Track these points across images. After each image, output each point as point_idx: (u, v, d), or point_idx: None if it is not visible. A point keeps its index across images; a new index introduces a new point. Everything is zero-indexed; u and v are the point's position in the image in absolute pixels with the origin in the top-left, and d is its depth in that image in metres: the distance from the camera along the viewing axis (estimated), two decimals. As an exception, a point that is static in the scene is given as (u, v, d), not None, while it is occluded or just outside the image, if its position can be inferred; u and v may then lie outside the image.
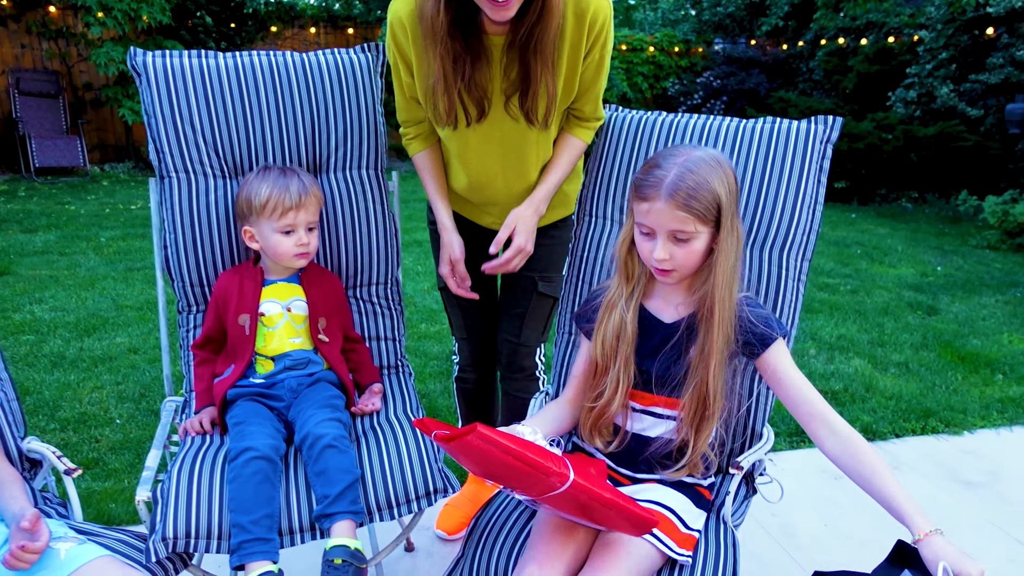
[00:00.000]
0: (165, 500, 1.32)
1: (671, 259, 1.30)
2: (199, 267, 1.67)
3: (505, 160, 1.69)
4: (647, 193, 1.29)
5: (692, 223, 1.27)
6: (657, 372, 1.37)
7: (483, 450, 0.99)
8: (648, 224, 1.30)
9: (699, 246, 1.30)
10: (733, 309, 1.31)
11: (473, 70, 1.52)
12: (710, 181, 1.26)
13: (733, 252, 1.30)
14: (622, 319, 1.38)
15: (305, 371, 1.58)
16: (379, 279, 1.80)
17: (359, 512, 1.35)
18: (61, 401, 2.92)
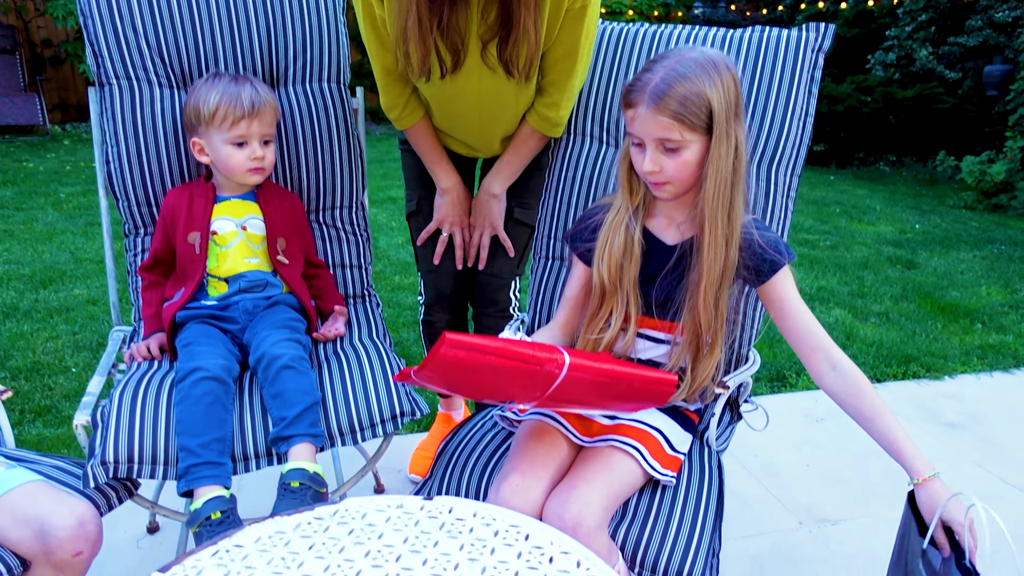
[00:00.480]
0: (105, 423, 1.21)
1: (662, 171, 1.20)
2: (145, 184, 1.54)
3: (481, 116, 1.60)
4: (632, 98, 1.18)
5: (678, 130, 1.15)
6: (657, 297, 1.28)
7: (463, 360, 0.87)
8: (636, 133, 1.20)
9: (691, 156, 1.18)
10: (734, 230, 1.21)
11: (450, 12, 1.39)
12: (699, 84, 1.14)
13: (727, 164, 1.18)
14: (628, 238, 1.28)
15: (262, 293, 1.47)
16: (343, 202, 1.69)
17: (319, 435, 1.25)
18: (13, 351, 2.78)
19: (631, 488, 1.20)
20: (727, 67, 1.18)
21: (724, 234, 1.20)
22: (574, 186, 1.60)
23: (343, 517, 0.87)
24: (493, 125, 1.64)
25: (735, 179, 1.19)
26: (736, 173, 1.19)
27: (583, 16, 1.44)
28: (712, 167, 1.18)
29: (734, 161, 1.19)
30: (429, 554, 0.80)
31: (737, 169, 1.19)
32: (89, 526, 1.09)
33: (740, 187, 1.20)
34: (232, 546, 0.82)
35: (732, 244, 1.21)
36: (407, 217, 1.81)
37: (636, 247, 1.27)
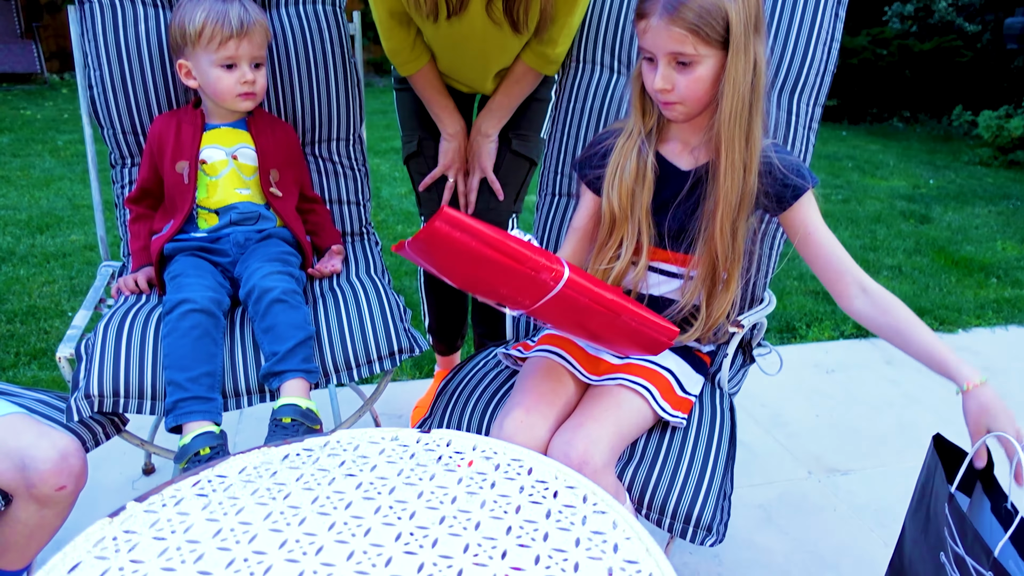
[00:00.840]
0: (90, 356, 1.16)
1: (674, 89, 1.12)
2: (131, 111, 1.46)
3: (485, 58, 1.53)
4: (644, 8, 1.09)
5: (692, 43, 1.06)
6: (671, 227, 1.20)
7: (456, 241, 0.79)
8: (647, 47, 1.11)
9: (705, 73, 1.10)
10: (752, 154, 1.12)
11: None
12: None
13: (745, 82, 1.09)
14: (641, 163, 1.20)
15: (255, 226, 1.40)
16: (340, 134, 1.61)
17: (313, 371, 1.20)
18: (8, 295, 2.73)
19: (640, 428, 1.15)
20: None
21: (742, 158, 1.12)
22: (583, 118, 1.51)
23: (334, 449, 0.82)
24: (494, 65, 1.57)
25: (753, 99, 1.11)
26: (755, 92, 1.11)
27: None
28: (729, 85, 1.09)
29: (752, 79, 1.10)
30: (425, 487, 0.75)
31: (756, 88, 1.11)
32: (72, 460, 1.04)
33: (759, 108, 1.12)
34: (214, 476, 0.76)
35: (751, 170, 1.13)
36: (405, 160, 1.73)
37: (649, 172, 1.19)
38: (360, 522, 0.69)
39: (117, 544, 0.66)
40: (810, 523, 1.63)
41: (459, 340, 1.98)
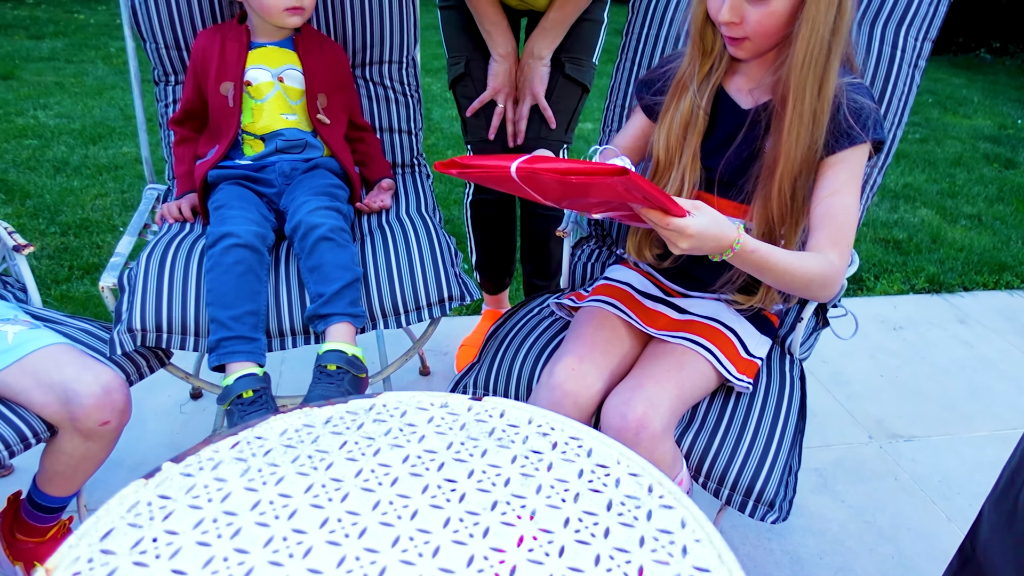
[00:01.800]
0: (132, 288, 1.12)
1: (743, 22, 0.98)
2: (173, 24, 1.37)
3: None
4: None
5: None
6: (723, 173, 1.09)
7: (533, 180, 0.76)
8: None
9: (779, 6, 0.95)
10: (824, 104, 0.98)
11: None
12: None
13: (826, 21, 0.94)
14: (693, 105, 1.08)
15: (301, 155, 1.32)
16: (392, 56, 1.50)
17: (359, 315, 1.14)
18: (63, 206, 2.74)
19: (702, 392, 1.07)
20: None
21: (811, 109, 0.98)
22: (656, 46, 1.37)
23: (380, 413, 0.76)
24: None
25: (834, 41, 0.96)
26: (836, 34, 0.96)
27: None
28: (806, 24, 0.94)
29: (836, 19, 0.95)
30: (476, 464, 0.69)
31: (838, 29, 0.96)
32: (115, 395, 1.02)
33: (838, 51, 0.97)
34: (254, 438, 0.72)
35: (820, 122, 0.99)
36: (451, 84, 1.62)
37: (701, 116, 1.07)
38: (407, 503, 0.64)
39: (151, 510, 0.62)
40: (868, 491, 1.55)
41: (507, 278, 1.91)
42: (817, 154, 1.02)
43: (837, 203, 1.02)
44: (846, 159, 1.03)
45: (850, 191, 1.03)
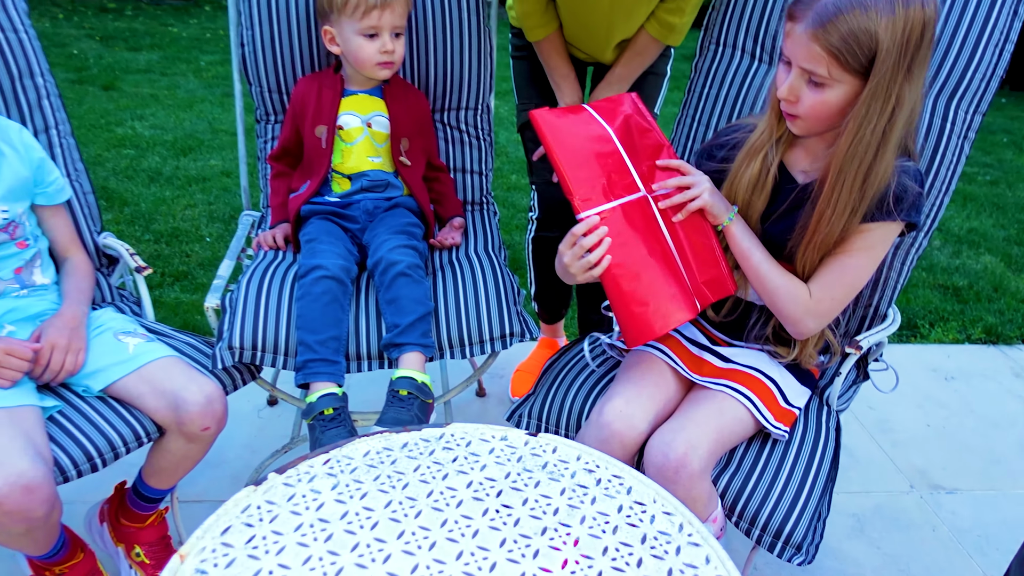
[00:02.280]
0: (233, 309, 1.27)
1: (797, 102, 1.06)
2: (277, 71, 1.53)
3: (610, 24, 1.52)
4: (795, 11, 1.03)
5: (827, 66, 1.00)
6: (772, 233, 1.17)
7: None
8: (786, 51, 1.06)
9: (833, 98, 1.03)
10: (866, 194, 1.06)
11: None
12: (874, 19, 0.95)
13: (876, 124, 1.01)
14: (764, 168, 1.16)
15: (383, 194, 1.46)
16: (468, 103, 1.63)
17: (429, 346, 1.27)
18: (156, 215, 2.97)
19: (740, 437, 1.16)
20: (923, 5, 0.98)
21: (850, 202, 1.06)
22: (716, 104, 1.47)
23: (448, 442, 0.88)
24: (618, 33, 1.55)
25: (882, 143, 1.03)
26: (885, 137, 1.02)
27: None
28: (854, 121, 1.02)
29: (886, 124, 1.01)
30: (530, 494, 0.80)
31: (887, 133, 1.02)
32: (216, 404, 1.16)
33: (890, 145, 1.04)
34: (343, 456, 0.84)
35: (858, 213, 1.07)
36: (520, 128, 1.74)
37: (769, 180, 1.16)
38: (469, 523, 0.75)
39: (260, 513, 0.75)
40: (905, 540, 1.59)
41: (563, 310, 2.02)
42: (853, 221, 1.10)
43: (848, 263, 1.11)
44: (874, 230, 1.11)
45: (865, 258, 1.11)
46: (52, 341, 1.12)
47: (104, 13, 7.02)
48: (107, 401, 1.15)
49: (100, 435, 1.11)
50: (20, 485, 0.94)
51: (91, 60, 5.22)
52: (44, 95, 1.33)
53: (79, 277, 1.26)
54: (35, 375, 1.12)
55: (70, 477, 1.06)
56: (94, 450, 1.09)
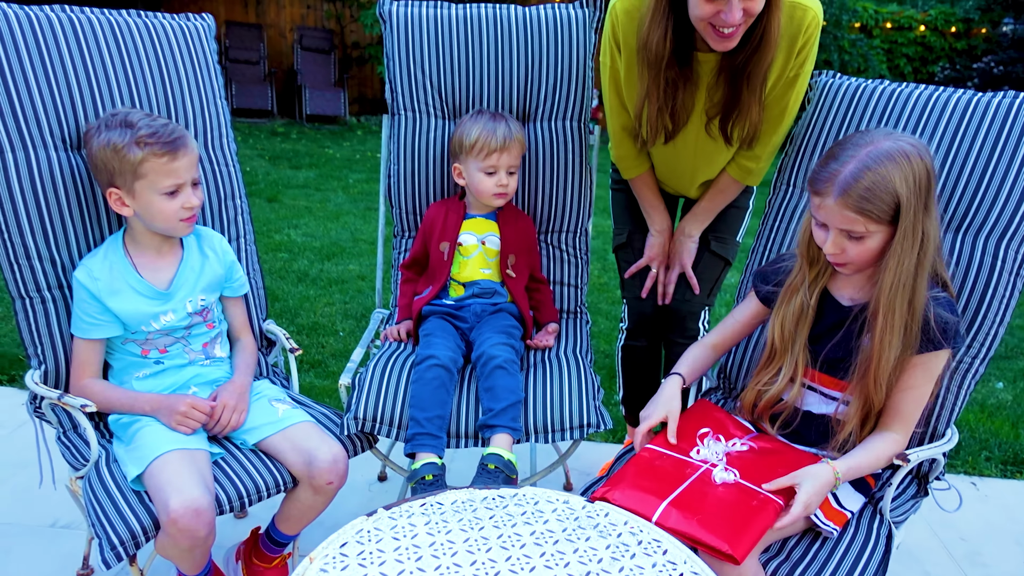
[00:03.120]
0: (360, 388, 1.55)
1: (843, 253, 1.25)
2: (414, 197, 1.88)
3: (695, 170, 1.77)
4: (820, 187, 1.23)
5: (863, 224, 1.20)
6: (826, 355, 1.33)
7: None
8: (821, 219, 1.26)
9: (873, 244, 1.23)
10: (915, 315, 1.23)
11: (683, 93, 1.57)
12: (890, 180, 1.17)
13: (911, 257, 1.20)
14: (803, 304, 1.35)
15: (490, 300, 1.73)
16: (569, 227, 1.91)
17: (517, 429, 1.48)
18: (300, 310, 3.42)
19: (791, 531, 1.27)
20: (920, 157, 1.19)
21: (903, 321, 1.22)
22: (785, 236, 1.65)
23: (520, 500, 1.08)
24: (702, 176, 1.79)
25: (919, 269, 1.21)
26: (920, 263, 1.21)
27: (795, 83, 1.57)
28: (894, 258, 1.20)
29: (919, 254, 1.20)
30: (581, 545, 0.98)
31: (922, 260, 1.21)
32: (340, 464, 1.42)
33: (924, 273, 1.22)
34: (435, 502, 1.06)
35: (911, 330, 1.22)
36: (615, 249, 1.98)
37: (810, 312, 1.33)
38: (528, 561, 0.94)
39: (369, 536, 0.98)
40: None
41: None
42: (908, 353, 1.24)
43: (910, 397, 1.26)
44: (926, 362, 1.25)
45: (924, 388, 1.27)
46: (225, 401, 1.43)
47: (274, 136, 8.12)
48: (257, 454, 1.44)
49: (250, 480, 1.38)
50: (192, 508, 1.22)
51: (260, 176, 6.07)
52: (239, 212, 1.72)
53: (247, 354, 1.59)
54: (208, 427, 1.42)
55: (225, 511, 1.33)
56: (244, 491, 1.36)
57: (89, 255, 1.44)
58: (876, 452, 1.27)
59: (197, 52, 1.65)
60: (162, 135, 1.34)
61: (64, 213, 1.44)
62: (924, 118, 1.51)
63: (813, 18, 1.52)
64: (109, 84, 1.51)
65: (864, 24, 10.89)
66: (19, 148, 1.39)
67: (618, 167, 1.85)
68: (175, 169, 1.35)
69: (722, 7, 1.36)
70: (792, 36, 1.52)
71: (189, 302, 1.48)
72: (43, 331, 1.43)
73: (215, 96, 1.68)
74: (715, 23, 1.40)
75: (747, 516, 1.16)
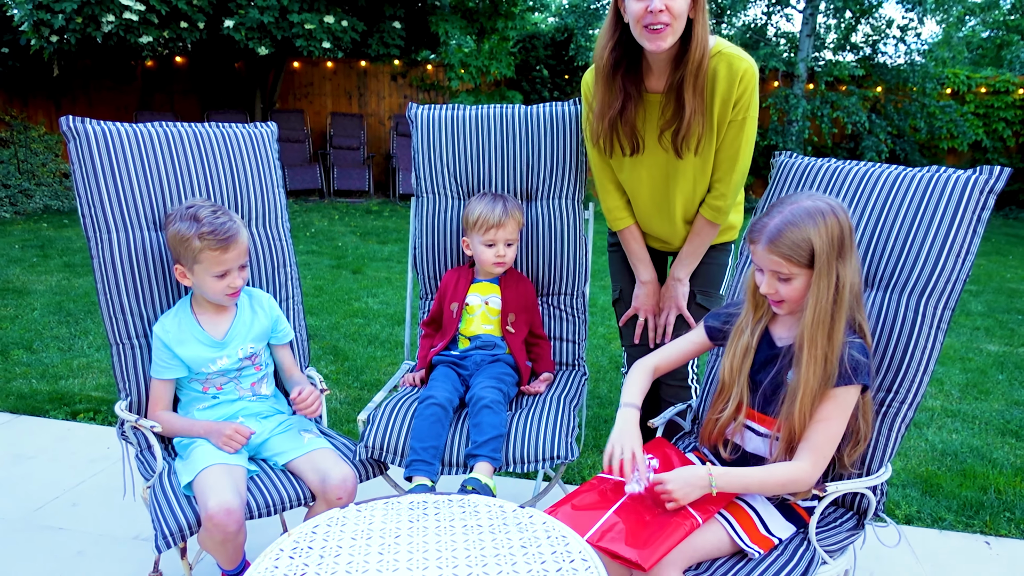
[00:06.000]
0: (372, 423, 1.86)
1: (776, 293, 1.47)
2: (435, 265, 2.22)
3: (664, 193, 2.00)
4: (754, 237, 1.48)
5: (787, 266, 1.43)
6: (765, 391, 1.53)
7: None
8: (757, 262, 1.49)
9: (799, 285, 1.45)
10: (834, 347, 1.42)
11: (626, 111, 1.88)
12: (806, 231, 1.41)
13: (827, 296, 1.42)
14: (747, 343, 1.57)
15: (490, 351, 2.02)
16: (567, 290, 2.18)
17: (497, 459, 1.74)
18: (366, 369, 3.80)
19: (716, 551, 1.44)
20: (834, 212, 1.43)
21: (823, 351, 1.41)
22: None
23: (463, 503, 1.33)
24: (673, 200, 2.00)
25: (836, 309, 1.42)
26: (837, 304, 1.42)
27: (743, 127, 1.86)
28: (812, 298, 1.42)
29: (835, 295, 1.41)
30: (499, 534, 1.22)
31: (839, 300, 1.42)
32: (350, 483, 1.71)
33: (842, 315, 1.42)
34: (398, 501, 1.34)
35: (832, 360, 1.41)
36: (613, 303, 2.25)
37: (752, 348, 1.54)
38: (454, 541, 1.20)
39: (341, 519, 1.26)
40: None
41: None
42: (830, 385, 1.43)
43: (821, 428, 1.44)
44: (838, 395, 1.43)
45: (835, 421, 1.44)
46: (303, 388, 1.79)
47: (368, 214, 8.84)
48: (286, 473, 1.76)
49: (277, 493, 1.70)
50: (224, 508, 1.55)
51: (349, 250, 6.68)
52: (289, 278, 2.11)
53: (299, 379, 1.94)
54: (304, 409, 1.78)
55: (255, 516, 1.65)
56: (271, 502, 1.68)
57: (165, 313, 1.85)
58: (771, 471, 1.45)
59: (261, 152, 2.08)
60: (219, 232, 1.72)
61: (151, 278, 1.86)
62: (859, 190, 1.71)
63: (747, 70, 1.80)
64: (191, 179, 1.95)
65: (956, 90, 10.71)
66: (122, 229, 1.83)
67: (607, 219, 2.13)
68: (225, 260, 1.74)
69: (647, 2, 1.67)
70: (730, 81, 1.80)
71: (240, 349, 1.85)
72: (130, 370, 1.83)
73: (274, 186, 2.10)
74: (645, 22, 1.69)
75: (659, 530, 1.37)
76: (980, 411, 3.41)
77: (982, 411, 3.41)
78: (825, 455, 1.44)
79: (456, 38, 9.65)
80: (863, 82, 10.36)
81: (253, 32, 7.82)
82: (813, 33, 9.97)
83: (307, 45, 7.93)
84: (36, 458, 2.72)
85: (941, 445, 3.00)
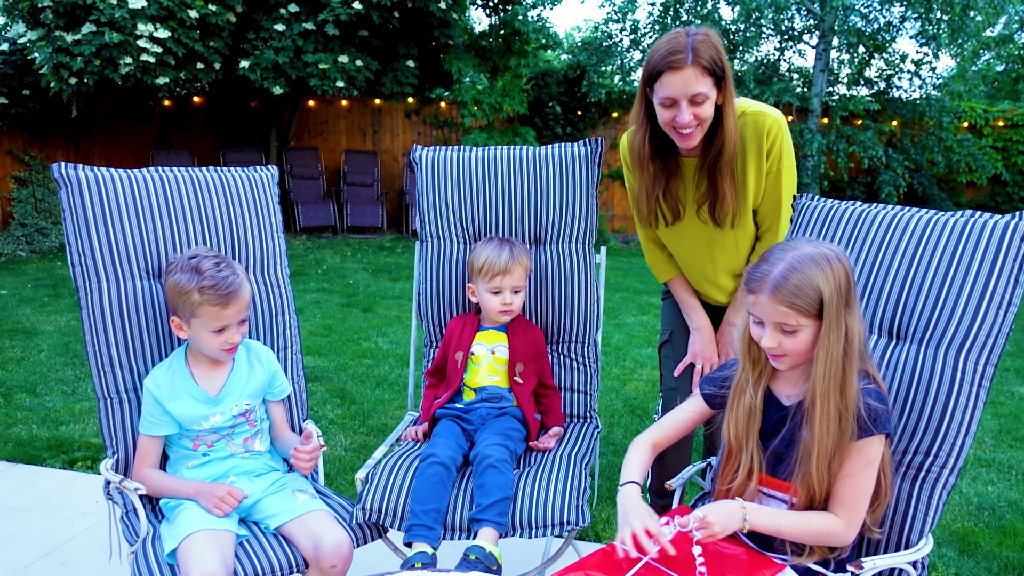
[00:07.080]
0: (372, 482, 1.75)
1: (780, 347, 1.36)
2: (439, 312, 2.13)
3: (706, 254, 1.98)
4: (753, 287, 1.37)
5: (794, 317, 1.32)
6: (773, 449, 1.41)
7: None
8: (757, 315, 1.38)
9: (805, 337, 1.34)
10: (848, 403, 1.31)
11: (669, 185, 1.89)
12: (813, 278, 1.30)
13: (837, 347, 1.31)
14: (751, 404, 1.45)
15: (497, 404, 1.91)
16: (578, 338, 2.08)
17: (503, 524, 1.62)
18: (373, 412, 3.70)
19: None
20: (839, 260, 1.33)
21: (836, 408, 1.31)
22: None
23: (462, 582, 1.22)
24: (716, 262, 1.98)
25: (847, 361, 1.31)
26: (848, 356, 1.31)
27: (780, 177, 1.87)
28: (822, 351, 1.31)
29: (845, 346, 1.31)
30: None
31: (849, 352, 1.31)
32: (344, 549, 1.60)
33: (853, 367, 1.31)
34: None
35: (847, 416, 1.30)
36: (659, 347, 2.19)
37: (757, 411, 1.42)
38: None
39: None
40: None
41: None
42: (844, 440, 1.31)
43: (850, 484, 1.32)
44: (861, 449, 1.32)
45: (863, 475, 1.33)
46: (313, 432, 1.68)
47: (381, 251, 8.81)
48: (277, 537, 1.65)
49: (267, 560, 1.59)
50: (206, 579, 1.44)
51: (360, 288, 6.61)
52: (288, 326, 2.02)
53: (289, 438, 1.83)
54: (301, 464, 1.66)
55: (242, 586, 1.54)
56: (260, 570, 1.57)
57: (157, 366, 1.76)
58: (807, 518, 1.33)
59: (260, 197, 2.01)
60: (220, 287, 1.63)
61: (143, 330, 1.78)
62: (887, 235, 1.61)
63: (774, 122, 1.81)
64: (187, 226, 1.87)
65: (973, 123, 10.60)
66: (112, 279, 1.75)
67: (652, 271, 2.11)
68: (224, 316, 1.65)
69: (676, 113, 1.71)
70: (758, 138, 1.81)
71: (235, 406, 1.75)
72: (117, 427, 1.74)
73: (273, 230, 2.02)
74: (675, 126, 1.74)
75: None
76: (1016, 460, 3.24)
77: (1018, 460, 3.24)
78: (859, 510, 1.33)
79: (469, 76, 9.69)
80: (878, 116, 10.28)
81: (268, 72, 7.89)
82: (827, 68, 9.93)
83: (321, 84, 7.98)
84: (30, 511, 2.63)
85: (977, 499, 2.84)
